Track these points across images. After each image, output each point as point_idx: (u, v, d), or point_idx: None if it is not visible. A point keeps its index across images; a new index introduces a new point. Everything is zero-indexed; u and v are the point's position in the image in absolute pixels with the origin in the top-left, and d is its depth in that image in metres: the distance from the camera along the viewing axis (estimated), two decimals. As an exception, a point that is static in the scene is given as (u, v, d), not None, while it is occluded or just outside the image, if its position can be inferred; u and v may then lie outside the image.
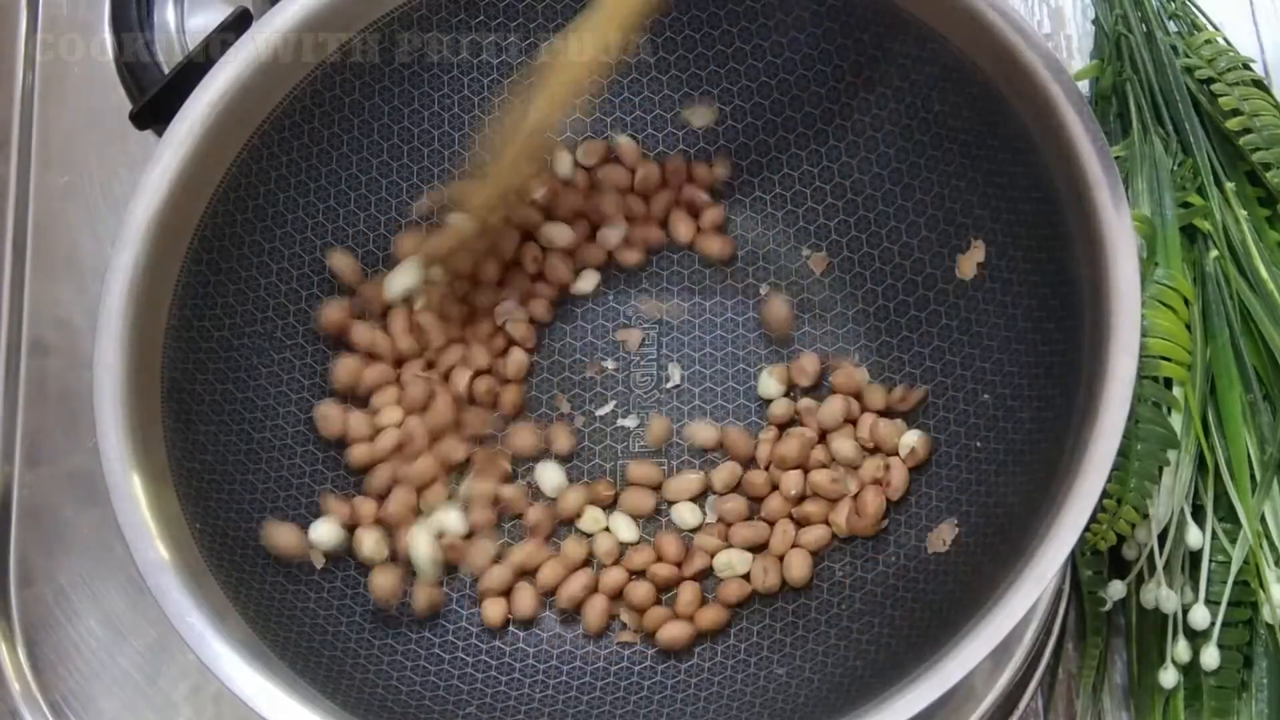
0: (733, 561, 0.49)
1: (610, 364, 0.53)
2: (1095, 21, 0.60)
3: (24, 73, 0.63)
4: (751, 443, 0.51)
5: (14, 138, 0.61)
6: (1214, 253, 0.52)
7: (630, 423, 0.52)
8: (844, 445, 0.50)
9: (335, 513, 0.49)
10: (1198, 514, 0.50)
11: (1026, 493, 0.44)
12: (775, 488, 0.50)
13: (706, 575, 0.50)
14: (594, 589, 0.49)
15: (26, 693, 0.54)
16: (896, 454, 0.50)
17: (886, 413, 0.51)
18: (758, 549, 0.50)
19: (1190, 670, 0.50)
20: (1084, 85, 0.59)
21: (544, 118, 0.48)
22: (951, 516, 0.47)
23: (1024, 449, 0.46)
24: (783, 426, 0.51)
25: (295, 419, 0.50)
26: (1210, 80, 0.56)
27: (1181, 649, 0.49)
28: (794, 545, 0.49)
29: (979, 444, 0.48)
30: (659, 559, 0.50)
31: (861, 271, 0.53)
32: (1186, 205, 0.53)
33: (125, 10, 0.58)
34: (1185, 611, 0.49)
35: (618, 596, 0.50)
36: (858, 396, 0.51)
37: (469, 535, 0.50)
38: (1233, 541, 0.49)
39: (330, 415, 0.50)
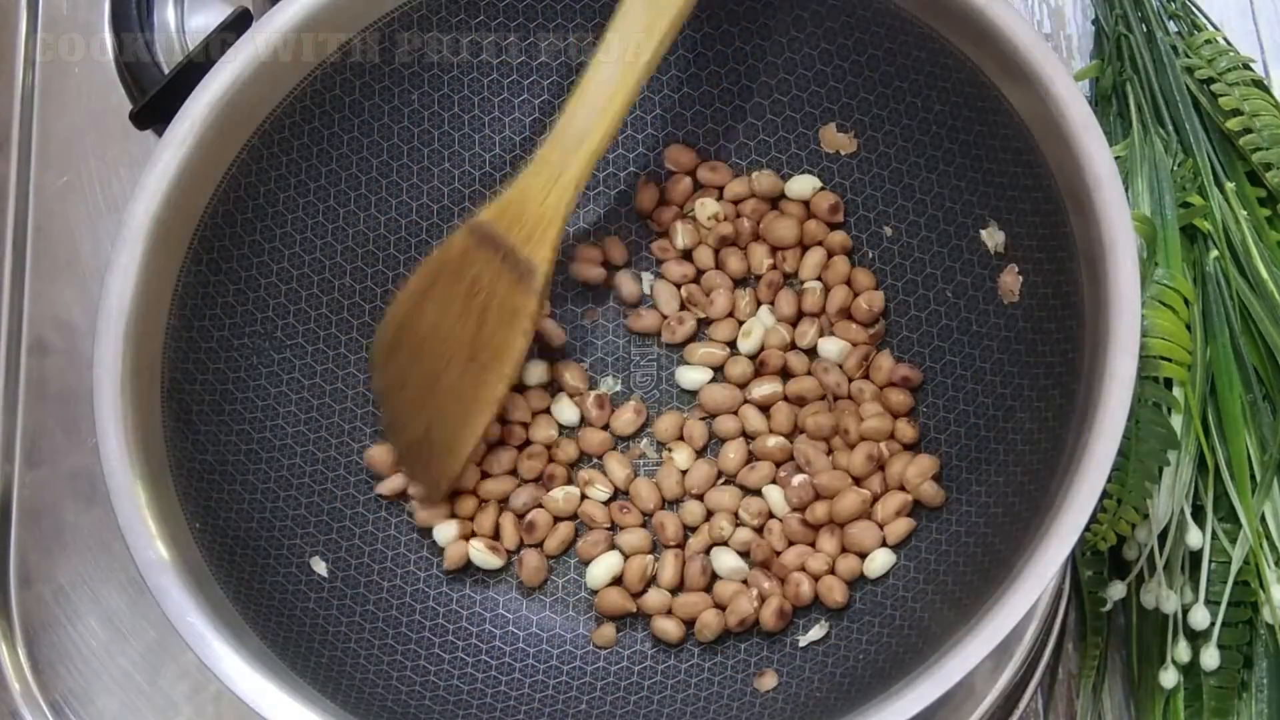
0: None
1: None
2: (1095, 21, 0.60)
3: (24, 73, 0.63)
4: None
5: (14, 138, 0.61)
6: (1214, 253, 0.52)
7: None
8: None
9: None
10: (1198, 514, 0.50)
11: (1026, 493, 0.44)
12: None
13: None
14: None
15: (26, 693, 0.54)
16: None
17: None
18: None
19: (1190, 670, 0.50)
20: (1084, 85, 0.59)
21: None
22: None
23: (1024, 449, 0.46)
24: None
25: (295, 419, 0.50)
26: (1210, 80, 0.56)
27: (1181, 649, 0.49)
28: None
29: (979, 444, 0.48)
30: None
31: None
32: (1186, 205, 0.53)
33: (125, 10, 0.58)
34: (1185, 611, 0.49)
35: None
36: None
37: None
38: (1233, 541, 0.49)
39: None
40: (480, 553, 0.50)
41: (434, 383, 0.50)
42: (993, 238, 0.48)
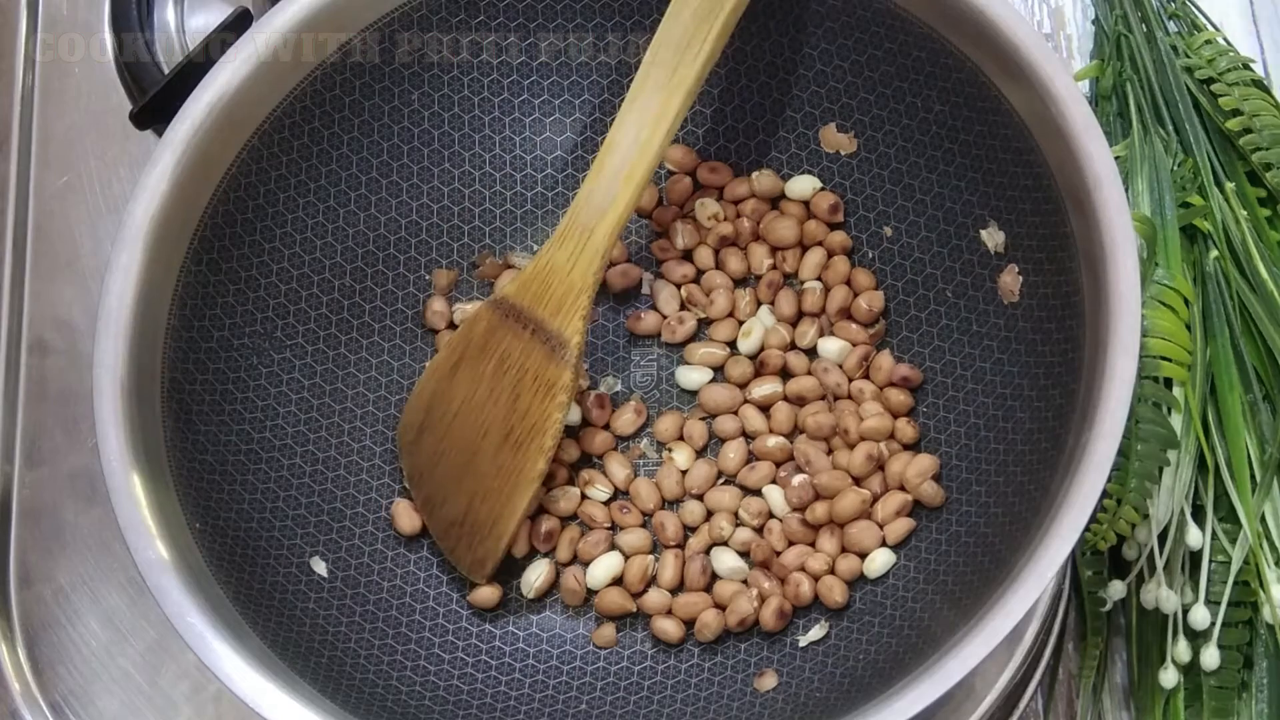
0: None
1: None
2: (1095, 21, 0.60)
3: (24, 73, 0.63)
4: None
5: (14, 138, 0.61)
6: (1214, 253, 0.52)
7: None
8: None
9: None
10: (1198, 514, 0.50)
11: (1026, 493, 0.44)
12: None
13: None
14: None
15: (26, 693, 0.54)
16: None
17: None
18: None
19: (1190, 670, 0.50)
20: (1084, 85, 0.59)
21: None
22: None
23: (1024, 449, 0.46)
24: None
25: (295, 419, 0.50)
26: (1210, 80, 0.56)
27: (1181, 649, 0.49)
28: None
29: (979, 444, 0.48)
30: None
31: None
32: (1186, 205, 0.53)
33: (125, 10, 0.58)
34: (1185, 611, 0.49)
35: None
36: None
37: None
38: (1233, 541, 0.49)
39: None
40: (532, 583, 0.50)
41: (470, 462, 0.49)
42: (993, 238, 0.48)
